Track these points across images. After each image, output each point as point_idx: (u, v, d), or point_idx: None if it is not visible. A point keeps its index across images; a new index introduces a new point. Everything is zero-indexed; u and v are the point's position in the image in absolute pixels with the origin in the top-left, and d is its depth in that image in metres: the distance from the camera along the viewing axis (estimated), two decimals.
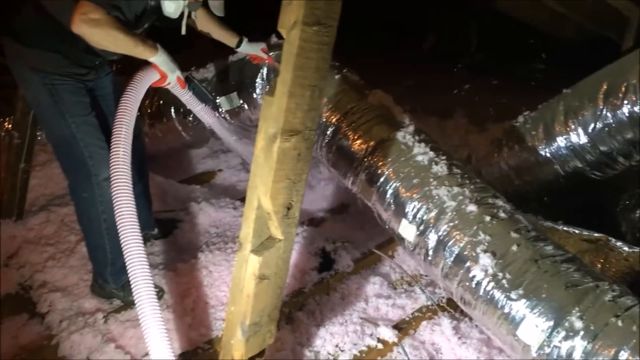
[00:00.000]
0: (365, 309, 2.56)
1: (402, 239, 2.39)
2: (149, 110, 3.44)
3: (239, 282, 1.77)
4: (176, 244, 2.96)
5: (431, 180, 2.30)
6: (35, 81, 2.31)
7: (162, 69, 2.36)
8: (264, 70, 3.01)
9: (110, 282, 2.52)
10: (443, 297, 2.56)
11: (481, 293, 2.03)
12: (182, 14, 2.43)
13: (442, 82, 4.64)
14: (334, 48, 1.64)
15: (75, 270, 2.74)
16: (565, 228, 2.47)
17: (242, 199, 3.35)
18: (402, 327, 2.42)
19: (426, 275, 2.75)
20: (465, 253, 2.10)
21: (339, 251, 2.83)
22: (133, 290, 1.96)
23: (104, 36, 2.11)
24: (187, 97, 2.71)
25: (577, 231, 2.44)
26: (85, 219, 2.48)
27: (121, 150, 2.12)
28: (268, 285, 1.77)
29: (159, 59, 2.31)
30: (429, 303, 2.54)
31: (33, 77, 2.31)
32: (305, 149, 1.70)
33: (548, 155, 2.70)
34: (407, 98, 2.73)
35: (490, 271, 2.01)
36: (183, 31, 2.50)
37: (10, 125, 3.68)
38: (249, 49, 2.88)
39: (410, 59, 4.91)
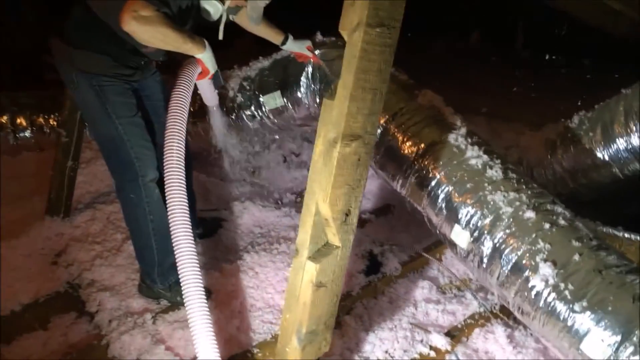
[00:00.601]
0: (414, 314, 2.50)
1: (453, 245, 2.33)
2: (191, 109, 3.42)
3: (295, 289, 1.73)
4: (221, 243, 2.95)
5: (486, 184, 2.22)
6: (82, 82, 2.32)
7: (207, 65, 2.33)
8: (309, 69, 2.96)
9: (158, 283, 2.52)
10: (496, 304, 2.49)
11: (541, 304, 1.95)
12: (220, 17, 2.42)
13: (489, 79, 4.54)
14: None
15: (123, 269, 2.74)
16: (626, 235, 2.37)
17: (284, 199, 3.37)
18: (455, 335, 2.35)
19: (477, 280, 2.68)
20: (524, 262, 2.03)
21: (386, 254, 2.78)
22: (183, 292, 1.95)
23: (154, 33, 2.07)
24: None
25: (638, 238, 2.34)
26: (132, 219, 2.48)
27: (175, 150, 2.10)
28: (325, 293, 1.73)
29: (206, 55, 2.29)
30: (482, 310, 2.47)
31: (81, 79, 2.32)
32: (364, 154, 1.65)
33: (606, 157, 2.60)
34: (454, 96, 2.63)
35: (551, 281, 1.93)
36: (220, 36, 2.47)
37: (55, 122, 3.74)
38: (294, 46, 2.85)
39: (455, 55, 4.81)
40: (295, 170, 3.80)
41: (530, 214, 2.09)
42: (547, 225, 2.05)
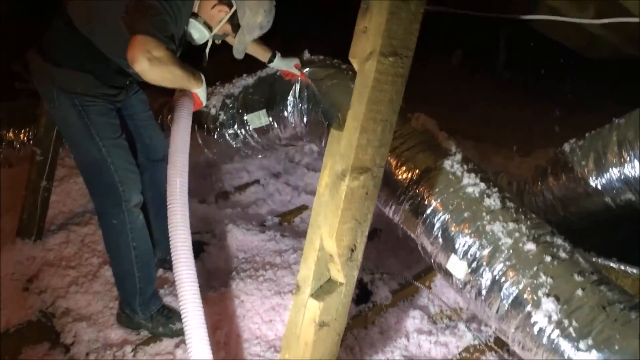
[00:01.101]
0: (406, 346, 2.43)
1: (449, 275, 2.27)
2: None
3: (296, 328, 1.64)
4: (204, 269, 2.83)
5: (484, 214, 2.17)
6: (64, 101, 2.20)
7: (201, 98, 2.30)
8: (297, 87, 2.87)
9: (139, 312, 2.40)
10: (490, 336, 2.43)
11: (544, 341, 1.89)
12: (206, 43, 2.36)
13: (472, 100, 4.54)
14: None
15: (100, 297, 2.61)
16: (622, 267, 2.34)
17: (266, 222, 3.27)
18: None
19: (467, 309, 2.63)
20: (525, 296, 1.97)
21: (376, 282, 2.70)
22: (184, 320, 1.89)
23: (164, 74, 2.01)
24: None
25: (635, 271, 2.32)
26: (113, 246, 2.36)
27: (179, 184, 2.01)
28: (327, 332, 1.64)
29: (202, 89, 2.26)
30: (476, 342, 2.41)
31: (62, 97, 2.20)
32: (372, 188, 1.58)
33: (599, 187, 2.58)
34: (438, 118, 2.59)
35: (555, 318, 1.88)
36: (204, 63, 2.41)
37: (25, 137, 3.58)
38: (281, 64, 2.75)
39: (437, 74, 4.79)
40: (276, 192, 3.71)
41: (530, 246, 2.04)
42: (548, 258, 2.01)
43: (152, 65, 1.92)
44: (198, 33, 2.30)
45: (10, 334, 2.42)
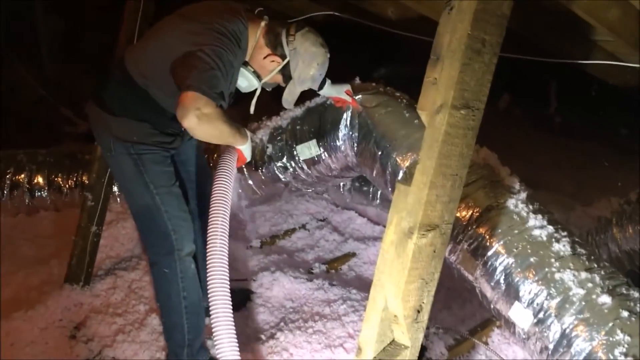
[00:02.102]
0: None
1: (510, 324, 2.14)
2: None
3: None
4: (250, 319, 2.75)
5: (552, 260, 2.03)
6: (120, 150, 2.21)
7: (245, 155, 2.28)
8: (348, 115, 2.77)
9: (183, 356, 2.32)
10: None
11: None
12: (254, 91, 2.33)
13: (522, 144, 4.43)
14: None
15: (147, 346, 2.55)
16: None
17: (313, 269, 3.19)
18: None
19: None
20: (600, 355, 1.84)
21: (431, 336, 2.58)
22: None
23: (212, 131, 2.01)
24: None
25: None
26: (164, 295, 2.31)
27: (218, 252, 2.00)
28: None
29: (247, 145, 2.26)
30: None
31: (118, 146, 2.21)
32: (440, 245, 1.50)
33: None
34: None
35: None
36: (252, 110, 2.37)
37: (73, 183, 3.62)
38: (332, 91, 2.65)
39: (483, 119, 4.71)
40: (322, 238, 3.63)
41: (605, 299, 1.91)
42: (625, 313, 1.87)
43: (200, 123, 1.91)
44: (247, 82, 2.28)
45: None
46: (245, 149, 2.26)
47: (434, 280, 1.53)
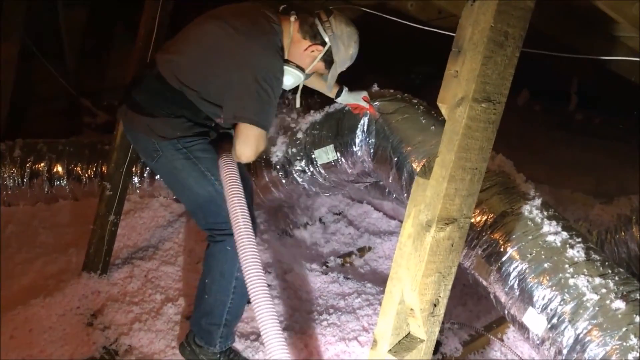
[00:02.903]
0: None
1: (524, 329, 2.13)
2: None
3: None
4: None
5: (566, 266, 2.03)
6: (167, 149, 2.25)
7: None
8: (365, 121, 2.79)
9: (216, 345, 2.33)
10: None
11: None
12: (297, 87, 2.40)
13: (541, 142, 4.39)
14: None
15: (162, 335, 2.58)
16: None
17: (329, 262, 3.20)
18: None
19: None
20: (613, 359, 1.83)
21: (446, 332, 2.58)
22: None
23: (253, 155, 2.20)
24: None
25: None
26: (218, 272, 2.31)
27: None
28: None
29: None
30: None
31: (164, 146, 2.25)
32: (458, 239, 1.49)
33: None
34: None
35: None
36: (298, 104, 2.47)
37: (92, 172, 3.65)
38: (349, 98, 2.70)
39: (502, 116, 4.67)
40: (338, 231, 3.63)
41: (619, 304, 1.89)
42: (638, 319, 1.86)
43: (254, 157, 2.19)
44: (293, 78, 2.32)
45: None
46: None
47: (451, 274, 1.52)
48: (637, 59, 2.84)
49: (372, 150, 2.75)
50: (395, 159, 2.60)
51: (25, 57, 4.47)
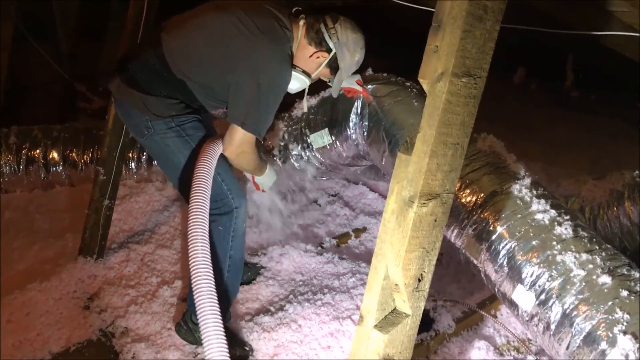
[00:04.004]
0: None
1: (514, 306, 2.15)
2: None
3: None
4: (261, 291, 2.78)
5: (554, 243, 2.05)
6: (159, 127, 2.27)
7: (260, 184, 2.62)
8: (358, 104, 2.80)
9: None
10: None
11: None
12: (303, 91, 2.41)
13: (537, 120, 4.38)
14: None
15: (158, 317, 2.60)
16: None
17: (324, 243, 3.21)
18: None
19: (536, 341, 2.48)
20: (599, 333, 1.84)
21: (439, 309, 2.59)
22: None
23: (241, 163, 2.33)
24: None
25: None
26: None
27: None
28: None
29: (260, 179, 2.58)
30: None
31: (156, 124, 2.26)
32: (441, 214, 1.50)
33: None
34: (501, 139, 2.49)
35: (632, 357, 1.75)
36: (305, 109, 2.58)
37: (88, 158, 3.66)
38: (343, 82, 2.70)
39: (499, 93, 4.65)
40: (333, 213, 3.64)
41: (605, 279, 1.92)
42: (624, 293, 1.88)
43: (236, 159, 2.26)
44: (298, 83, 2.33)
45: (70, 352, 2.43)
46: (262, 180, 2.58)
47: (435, 250, 1.53)
48: (631, 34, 2.81)
49: (365, 133, 2.77)
50: (388, 141, 2.61)
51: (18, 42, 4.46)
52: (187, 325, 2.42)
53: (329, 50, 2.27)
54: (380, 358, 1.52)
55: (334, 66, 2.32)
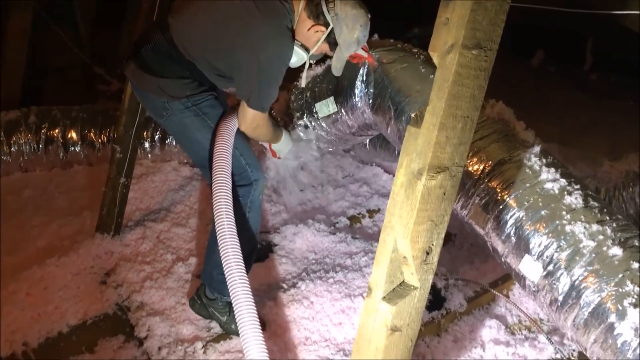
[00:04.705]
0: (482, 356, 2.33)
1: (521, 277, 2.13)
2: None
3: (367, 332, 1.58)
4: (274, 269, 2.82)
5: (564, 213, 2.00)
6: (176, 107, 2.31)
7: (277, 152, 2.71)
8: (364, 71, 2.72)
9: (226, 294, 2.37)
10: (574, 350, 2.29)
11: (630, 355, 1.75)
12: (303, 65, 2.39)
13: (555, 103, 4.33)
14: None
15: (172, 293, 2.65)
16: None
17: (337, 223, 3.22)
18: None
19: (548, 321, 2.48)
20: (609, 305, 1.82)
21: (450, 288, 2.60)
22: (240, 329, 1.81)
23: (258, 135, 2.44)
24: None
25: None
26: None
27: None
28: (399, 337, 1.57)
29: (277, 146, 2.68)
30: (558, 356, 2.27)
31: (173, 105, 2.31)
32: (450, 187, 1.50)
33: None
34: (519, 120, 2.45)
35: None
36: (303, 84, 2.55)
37: (105, 138, 3.71)
38: None
39: (516, 75, 4.60)
40: (348, 192, 3.65)
41: (616, 250, 1.88)
42: (635, 265, 1.85)
43: (252, 133, 2.35)
44: (296, 57, 2.32)
45: (87, 325, 2.50)
46: (279, 147, 2.67)
47: (444, 223, 1.53)
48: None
49: (370, 101, 2.70)
50: (394, 109, 2.55)
51: (38, 26, 4.51)
52: (200, 299, 2.46)
53: (326, 25, 2.25)
54: (388, 329, 1.54)
55: (332, 42, 2.30)
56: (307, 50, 2.31)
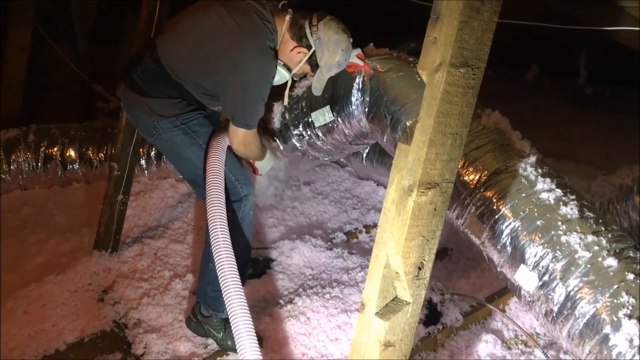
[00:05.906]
0: None
1: (516, 288, 2.13)
2: None
3: (360, 348, 1.59)
4: (270, 285, 2.83)
5: (559, 223, 2.01)
6: (165, 126, 2.35)
7: (259, 169, 2.74)
8: (360, 80, 2.71)
9: (224, 311, 2.34)
10: None
11: None
12: (285, 83, 2.45)
13: (550, 117, 4.36)
14: None
15: (170, 310, 2.65)
16: None
17: (334, 238, 3.24)
18: None
19: (544, 335, 2.49)
20: (603, 316, 1.84)
21: (446, 303, 2.61)
22: (236, 342, 1.82)
23: (247, 153, 2.44)
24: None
25: None
26: None
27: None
28: (393, 353, 1.58)
29: (260, 164, 2.70)
30: None
31: (162, 124, 2.35)
32: (441, 203, 1.52)
33: None
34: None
35: (637, 342, 1.75)
36: (285, 102, 2.62)
37: (103, 156, 3.73)
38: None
39: (512, 90, 4.64)
40: (343, 208, 3.67)
41: (611, 261, 1.89)
42: (630, 276, 1.86)
43: (245, 149, 2.38)
44: (279, 75, 2.37)
45: (85, 343, 2.50)
46: (262, 165, 2.69)
47: (435, 239, 1.56)
48: (637, 28, 2.80)
49: (367, 109, 2.71)
50: (390, 117, 2.55)
51: (37, 43, 4.55)
52: (196, 317, 2.46)
53: (309, 47, 2.30)
54: (381, 345, 1.55)
55: (314, 64, 2.36)
56: (289, 69, 2.36)
